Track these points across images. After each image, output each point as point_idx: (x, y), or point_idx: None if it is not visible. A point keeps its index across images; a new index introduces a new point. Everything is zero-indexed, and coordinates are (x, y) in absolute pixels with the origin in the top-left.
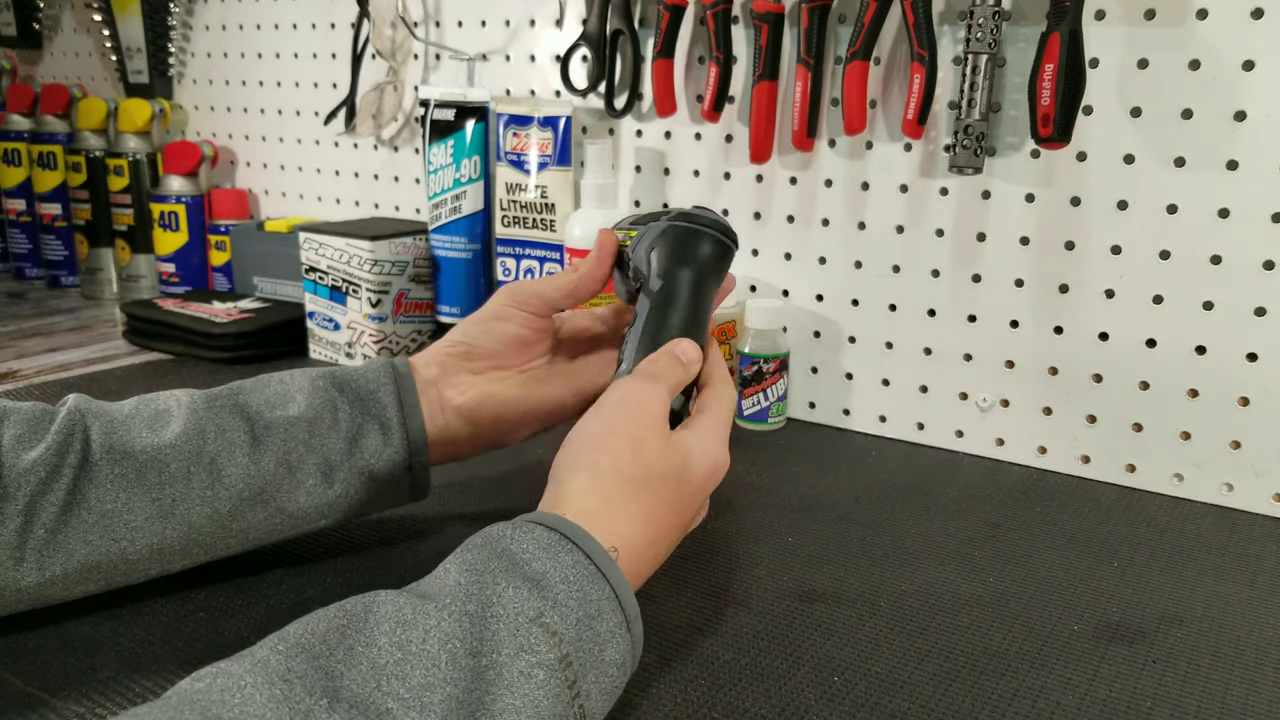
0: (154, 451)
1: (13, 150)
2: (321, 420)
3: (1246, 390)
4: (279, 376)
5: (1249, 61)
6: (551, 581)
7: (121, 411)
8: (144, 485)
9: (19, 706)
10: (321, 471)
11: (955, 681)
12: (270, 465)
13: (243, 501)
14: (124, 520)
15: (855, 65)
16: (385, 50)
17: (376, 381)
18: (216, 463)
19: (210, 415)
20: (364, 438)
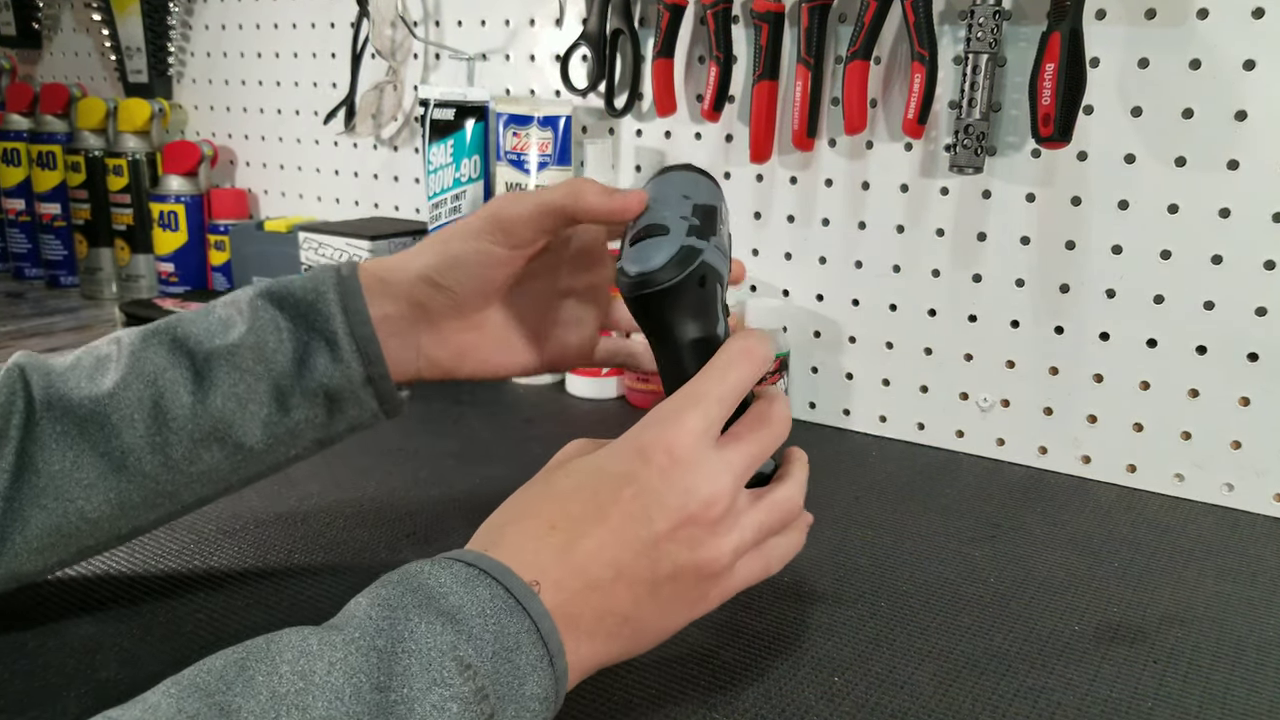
0: (93, 403)
1: (12, 150)
2: (265, 344)
3: (1247, 390)
4: (222, 301)
5: (1250, 61)
6: (467, 615)
7: (62, 364)
8: (89, 440)
9: (19, 705)
10: (274, 399)
11: (956, 681)
12: (218, 401)
13: (196, 443)
14: (74, 479)
15: (855, 65)
16: (385, 50)
17: (316, 292)
18: (160, 406)
19: (148, 355)
20: (311, 356)
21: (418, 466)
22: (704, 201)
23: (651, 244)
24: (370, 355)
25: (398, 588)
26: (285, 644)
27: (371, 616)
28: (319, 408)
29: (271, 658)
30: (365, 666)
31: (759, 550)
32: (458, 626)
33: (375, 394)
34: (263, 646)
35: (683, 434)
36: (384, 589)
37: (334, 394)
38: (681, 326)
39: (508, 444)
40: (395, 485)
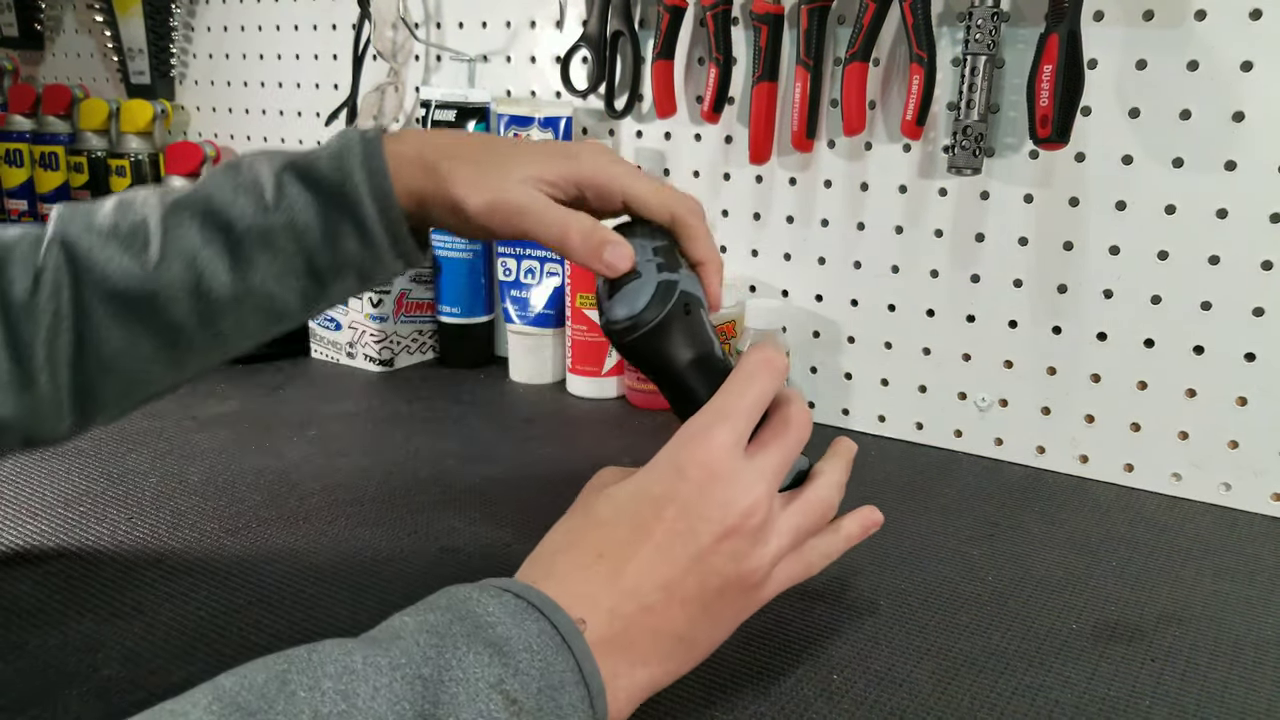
0: (137, 284)
1: (15, 151)
2: (296, 223)
3: (1245, 390)
4: (246, 165)
5: (1247, 62)
6: (514, 648)
7: (101, 231)
8: (139, 319)
9: (20, 705)
10: (310, 274)
11: (954, 680)
12: (256, 280)
13: (240, 315)
14: (132, 354)
15: (854, 66)
16: (386, 51)
17: (342, 172)
18: (201, 287)
19: (183, 233)
20: (342, 237)
21: (418, 466)
22: (660, 243)
23: (630, 289)
24: (398, 234)
25: (446, 614)
26: (328, 657)
27: (419, 643)
28: (351, 279)
29: (314, 671)
30: (410, 695)
31: (798, 553)
32: (505, 659)
33: (403, 261)
34: (304, 658)
35: (715, 449)
36: (431, 614)
37: (365, 270)
38: (680, 354)
39: (508, 444)
40: (395, 485)
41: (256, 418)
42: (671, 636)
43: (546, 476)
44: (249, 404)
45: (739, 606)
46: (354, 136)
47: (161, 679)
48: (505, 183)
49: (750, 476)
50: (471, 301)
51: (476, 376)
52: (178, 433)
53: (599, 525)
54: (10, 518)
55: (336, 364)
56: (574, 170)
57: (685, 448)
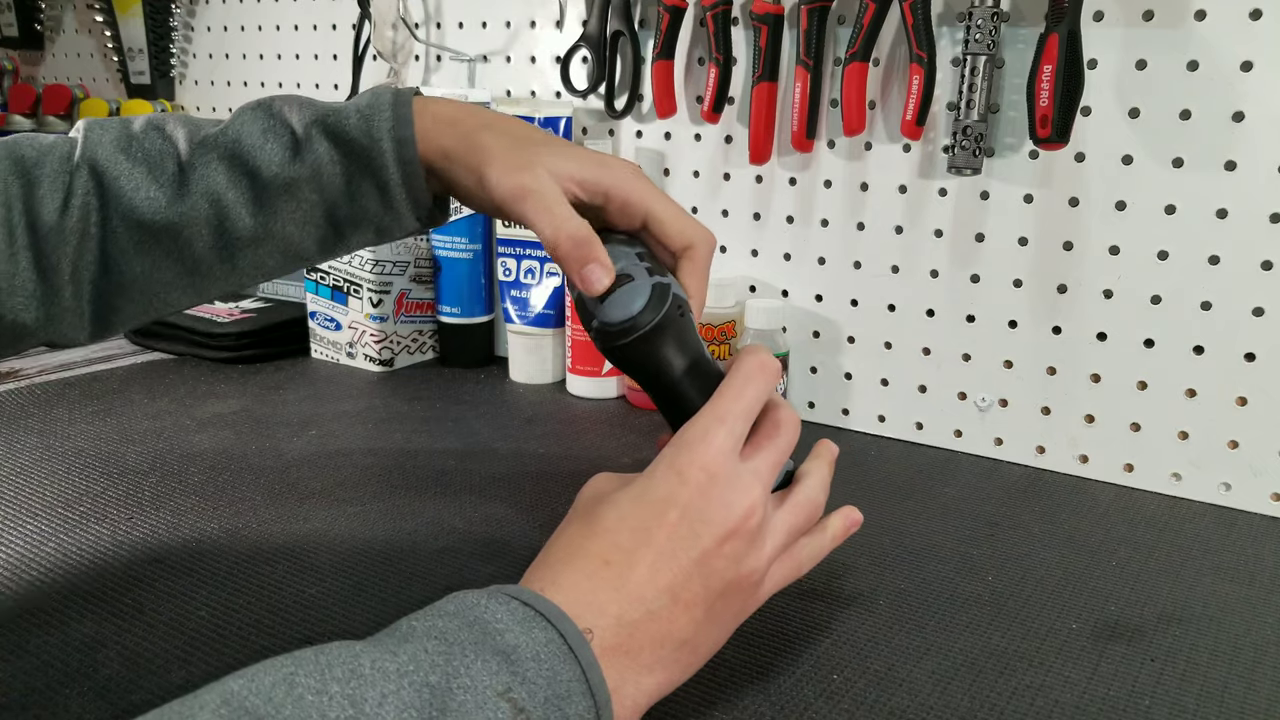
0: (162, 216)
1: None
2: (321, 176)
3: (1244, 390)
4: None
5: (1247, 62)
6: (522, 656)
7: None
8: (162, 248)
9: (21, 704)
10: (330, 224)
11: (954, 680)
12: (278, 224)
13: (260, 254)
14: (155, 279)
15: (854, 66)
16: (386, 51)
17: (371, 138)
18: (223, 225)
19: (208, 172)
20: (363, 197)
21: (418, 466)
22: (641, 249)
23: (624, 292)
24: (418, 197)
25: (454, 620)
26: (335, 659)
27: (427, 649)
28: (369, 233)
29: (321, 674)
30: (418, 702)
31: (790, 553)
32: (513, 667)
33: (422, 222)
34: (312, 660)
35: (714, 452)
36: (440, 619)
37: (383, 226)
38: (676, 358)
39: (508, 444)
40: (396, 485)
41: (257, 417)
42: (675, 641)
43: (546, 477)
44: (249, 404)
45: (738, 608)
46: (386, 97)
47: (161, 679)
48: (535, 169)
49: (748, 479)
50: (471, 301)
51: (476, 376)
52: (178, 432)
53: (603, 532)
54: (10, 518)
55: (336, 364)
56: (604, 177)
57: (684, 452)
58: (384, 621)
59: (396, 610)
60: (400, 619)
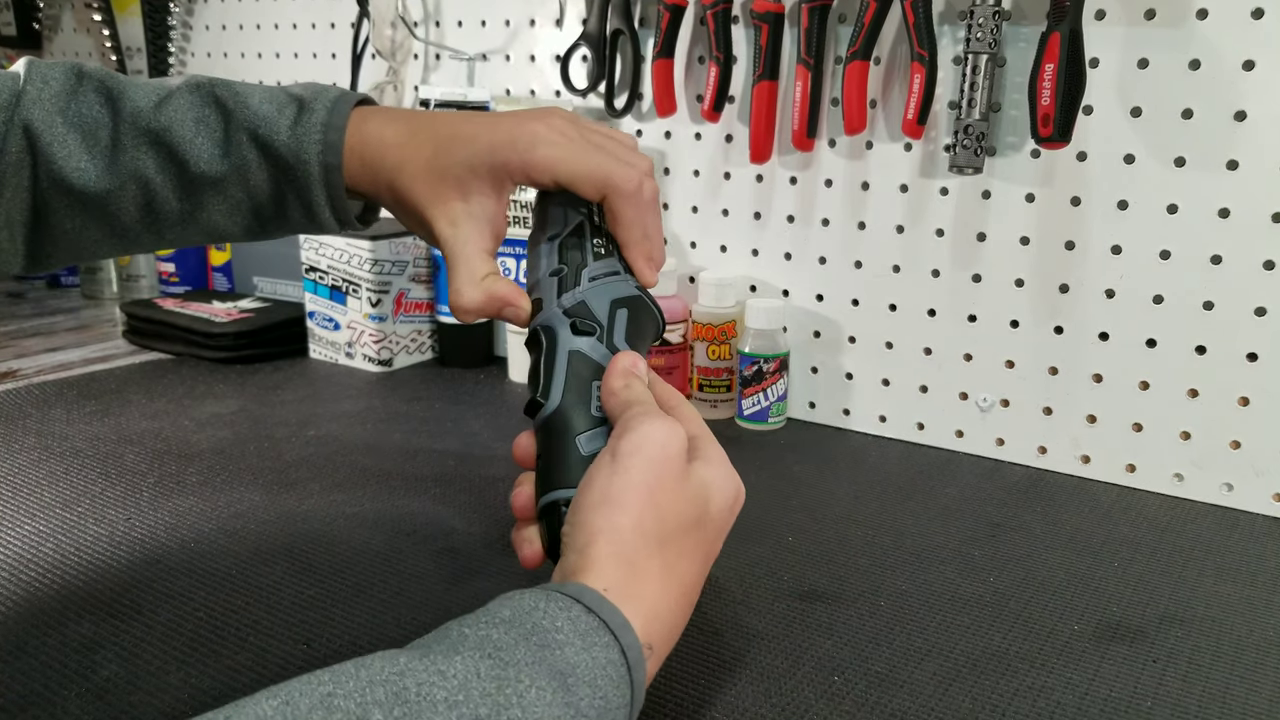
0: (92, 186)
1: None
2: (248, 181)
3: (1246, 390)
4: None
5: (1249, 61)
6: (579, 680)
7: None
8: (90, 214)
9: (20, 705)
10: (254, 216)
11: (955, 681)
12: (204, 213)
13: (186, 232)
14: (84, 237)
15: (855, 65)
16: (385, 50)
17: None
18: (152, 206)
19: (139, 156)
20: (289, 209)
21: (418, 466)
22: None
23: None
24: (343, 217)
25: (510, 631)
26: (377, 677)
27: (479, 673)
28: (292, 230)
29: (361, 694)
30: None
31: None
32: (568, 695)
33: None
34: (351, 677)
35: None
36: (494, 630)
37: (306, 229)
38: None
39: (508, 444)
40: (395, 485)
41: (255, 418)
42: (690, 606)
43: None
44: (248, 404)
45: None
46: (319, 116)
47: (160, 680)
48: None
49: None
50: None
51: (476, 376)
52: (176, 433)
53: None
54: (9, 518)
55: (335, 364)
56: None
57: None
58: (383, 622)
59: (396, 611)
60: (450, 622)
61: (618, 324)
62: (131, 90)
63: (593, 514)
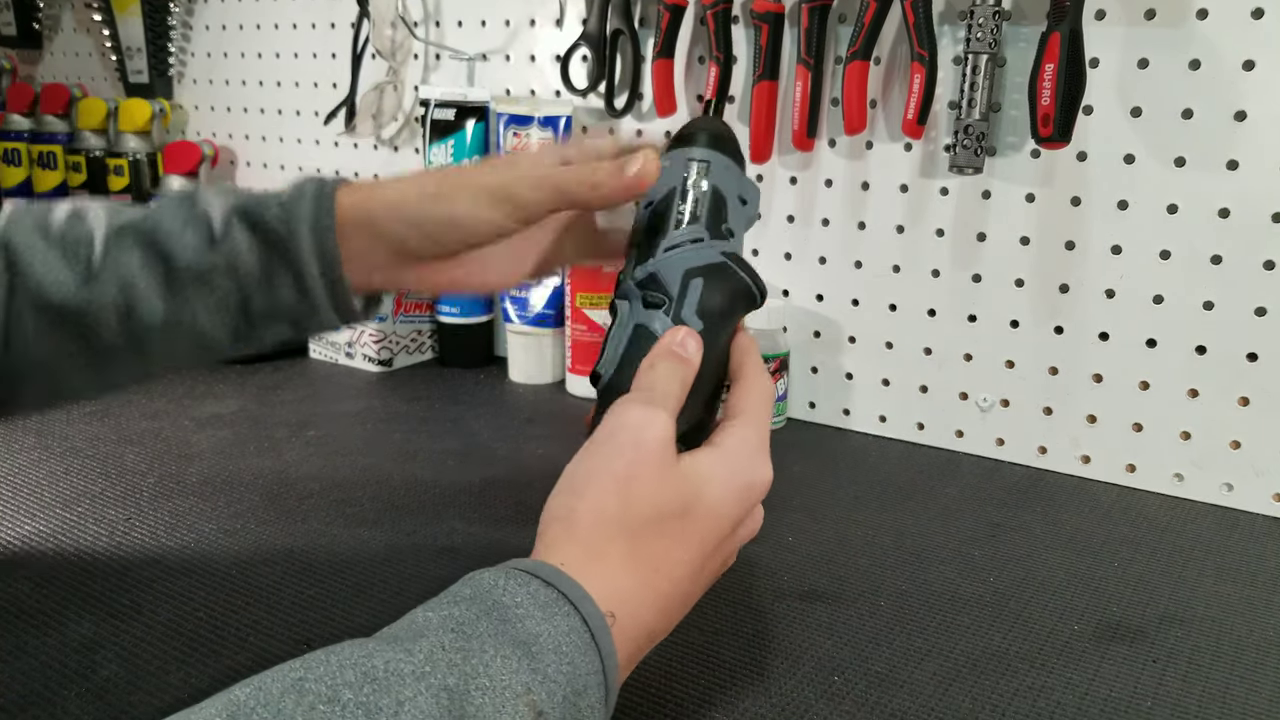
0: (72, 299)
1: (13, 150)
2: (237, 267)
3: (1247, 390)
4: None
5: (1249, 61)
6: (543, 648)
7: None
8: (68, 332)
9: (19, 705)
10: (242, 313)
11: (955, 681)
12: (188, 313)
13: (169, 341)
14: (57, 363)
15: (855, 65)
16: (385, 50)
17: (289, 227)
18: (133, 311)
19: (122, 257)
20: (279, 288)
21: (417, 466)
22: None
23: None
24: (338, 293)
25: (471, 608)
26: (347, 661)
27: (444, 645)
28: (284, 324)
29: (332, 679)
30: (435, 709)
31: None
32: (533, 663)
33: (339, 314)
34: (321, 662)
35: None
36: (456, 607)
37: (299, 320)
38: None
39: (508, 444)
40: (395, 485)
41: (255, 418)
42: (678, 610)
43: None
44: (248, 404)
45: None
46: (309, 189)
47: (159, 680)
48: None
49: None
50: (470, 301)
51: (476, 376)
52: (176, 433)
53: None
54: (9, 519)
55: (335, 364)
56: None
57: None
58: (383, 623)
59: (395, 611)
60: (414, 609)
61: (689, 295)
62: (114, 209)
63: (554, 499)
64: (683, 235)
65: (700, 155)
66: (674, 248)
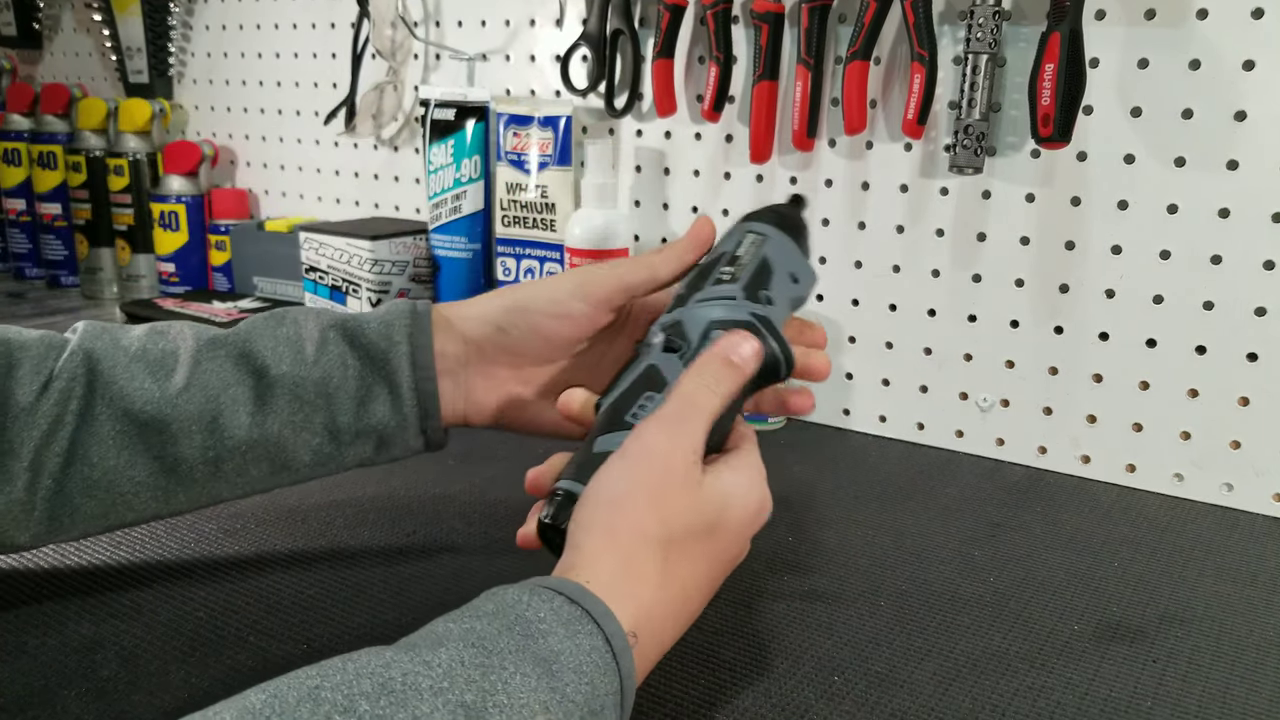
0: (155, 408)
1: (13, 150)
2: (330, 379)
3: (1246, 390)
4: (291, 317)
5: (1249, 61)
6: (563, 667)
7: (127, 351)
8: (145, 443)
9: (20, 705)
10: (328, 432)
11: (955, 681)
12: (274, 426)
13: (247, 460)
14: (126, 476)
15: (855, 65)
16: (385, 50)
17: (389, 340)
18: (218, 423)
19: (214, 367)
20: (373, 401)
21: (418, 466)
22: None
23: None
24: (428, 409)
25: (493, 622)
26: (364, 670)
27: (463, 661)
28: (369, 445)
29: (348, 688)
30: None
31: None
32: (552, 681)
33: (425, 439)
34: (339, 670)
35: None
36: (477, 622)
37: (386, 437)
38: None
39: (508, 444)
40: (395, 485)
41: None
42: (691, 619)
43: None
44: None
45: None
46: (403, 308)
47: (160, 679)
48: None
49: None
50: None
51: None
52: None
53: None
54: None
55: None
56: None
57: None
58: (382, 623)
59: (395, 611)
60: (435, 620)
61: (707, 345)
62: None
63: (595, 512)
64: (716, 291)
65: (759, 228)
66: (705, 300)
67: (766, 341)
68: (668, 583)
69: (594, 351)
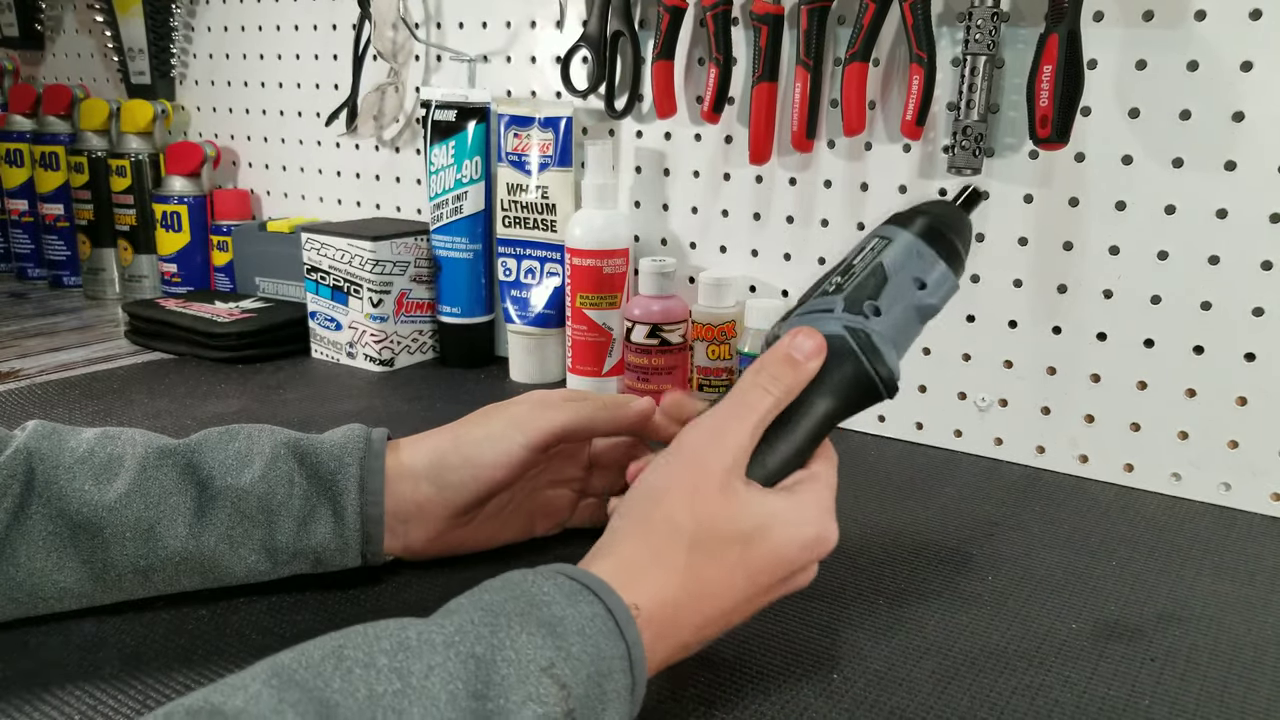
0: (91, 511)
1: (15, 151)
2: (274, 496)
3: (1244, 390)
4: (246, 433)
5: (1247, 62)
6: (567, 630)
7: (74, 453)
8: (77, 547)
9: (20, 705)
10: (265, 549)
11: (954, 679)
12: (211, 541)
13: (177, 570)
14: (52, 580)
15: (854, 66)
16: (386, 51)
17: (340, 461)
18: (154, 532)
19: (159, 476)
20: (314, 522)
21: None
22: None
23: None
24: (371, 533)
25: (501, 593)
26: (383, 631)
27: (473, 621)
28: (305, 563)
29: (369, 646)
30: (463, 674)
31: None
32: (558, 641)
33: (362, 561)
34: (360, 633)
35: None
36: (486, 594)
37: (323, 558)
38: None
39: None
40: None
41: (257, 417)
42: (715, 623)
43: None
44: (249, 404)
45: (778, 593)
46: (359, 433)
47: (162, 678)
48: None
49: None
50: (471, 301)
51: (477, 376)
52: (178, 432)
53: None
54: None
55: (336, 364)
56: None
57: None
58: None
59: (395, 611)
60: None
61: None
62: (152, 434)
63: (634, 501)
64: (817, 304)
65: (886, 231)
66: (804, 314)
67: (857, 355)
68: (690, 578)
69: (531, 482)
